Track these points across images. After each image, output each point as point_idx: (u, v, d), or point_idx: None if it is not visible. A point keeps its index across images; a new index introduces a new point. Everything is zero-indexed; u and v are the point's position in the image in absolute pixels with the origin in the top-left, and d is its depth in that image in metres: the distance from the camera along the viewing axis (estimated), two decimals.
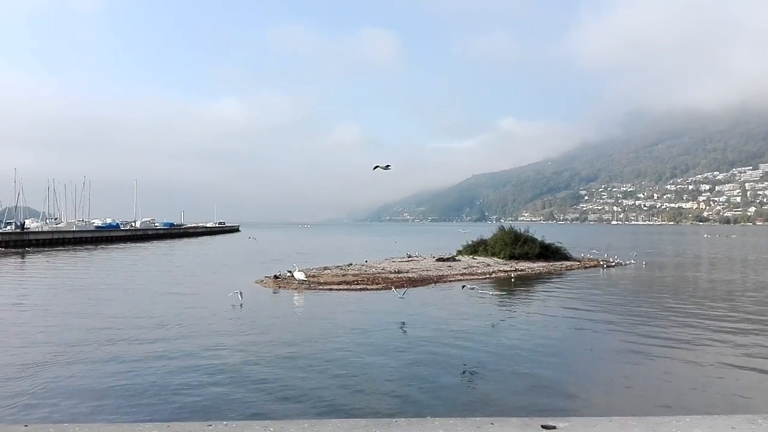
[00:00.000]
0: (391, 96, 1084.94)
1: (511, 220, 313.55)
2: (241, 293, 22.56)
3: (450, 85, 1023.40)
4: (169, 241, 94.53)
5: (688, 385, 11.92)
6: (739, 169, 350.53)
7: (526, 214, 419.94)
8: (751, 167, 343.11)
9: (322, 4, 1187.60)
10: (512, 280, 32.61)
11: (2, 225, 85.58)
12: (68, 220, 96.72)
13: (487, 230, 51.05)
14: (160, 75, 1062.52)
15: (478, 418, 8.66)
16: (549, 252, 43.66)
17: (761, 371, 12.88)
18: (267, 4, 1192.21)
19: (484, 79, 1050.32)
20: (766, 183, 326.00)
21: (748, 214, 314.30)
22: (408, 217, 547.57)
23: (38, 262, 49.06)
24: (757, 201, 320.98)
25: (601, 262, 43.72)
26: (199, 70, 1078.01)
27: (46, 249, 66.44)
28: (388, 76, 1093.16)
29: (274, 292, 27.03)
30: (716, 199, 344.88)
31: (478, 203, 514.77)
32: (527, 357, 14.22)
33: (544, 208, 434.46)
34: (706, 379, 12.38)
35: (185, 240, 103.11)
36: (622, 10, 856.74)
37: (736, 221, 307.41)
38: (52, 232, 78.38)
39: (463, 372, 12.85)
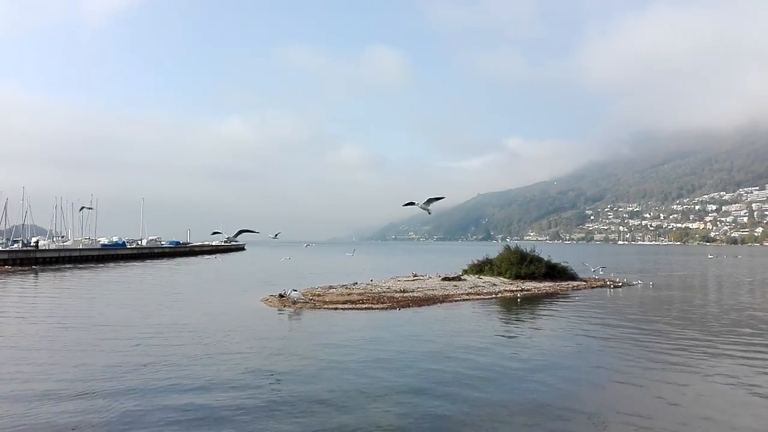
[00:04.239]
0: (398, 115, 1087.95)
1: (517, 240, 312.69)
2: None
3: (457, 104, 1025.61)
4: (175, 260, 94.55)
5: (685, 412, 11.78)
6: (745, 189, 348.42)
7: (531, 234, 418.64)
8: (757, 187, 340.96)
9: (329, 24, 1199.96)
10: (518, 300, 32.46)
11: (9, 243, 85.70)
12: (75, 238, 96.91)
13: (492, 249, 50.85)
14: (168, 93, 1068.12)
15: None
16: (555, 272, 43.48)
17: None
18: (274, 24, 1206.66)
19: (492, 98, 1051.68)
20: None
21: (755, 234, 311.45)
22: (414, 236, 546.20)
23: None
24: (765, 221, 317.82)
25: (608, 282, 43.43)
26: (206, 89, 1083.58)
27: (53, 267, 66.55)
28: (395, 95, 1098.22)
29: (279, 312, 27.01)
30: (723, 219, 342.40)
31: (484, 222, 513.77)
32: (526, 377, 14.15)
33: (550, 227, 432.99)
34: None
35: (191, 258, 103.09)
36: (630, 30, 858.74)
37: (743, 242, 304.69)
38: (59, 250, 78.54)
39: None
